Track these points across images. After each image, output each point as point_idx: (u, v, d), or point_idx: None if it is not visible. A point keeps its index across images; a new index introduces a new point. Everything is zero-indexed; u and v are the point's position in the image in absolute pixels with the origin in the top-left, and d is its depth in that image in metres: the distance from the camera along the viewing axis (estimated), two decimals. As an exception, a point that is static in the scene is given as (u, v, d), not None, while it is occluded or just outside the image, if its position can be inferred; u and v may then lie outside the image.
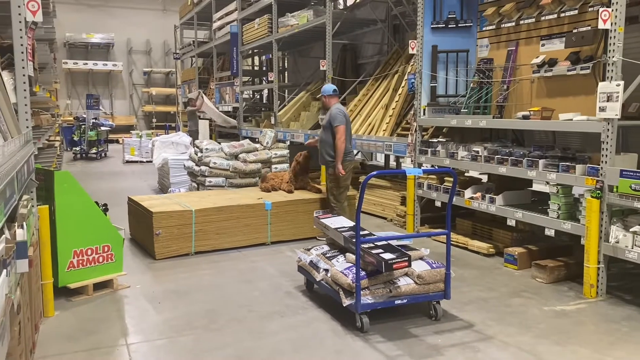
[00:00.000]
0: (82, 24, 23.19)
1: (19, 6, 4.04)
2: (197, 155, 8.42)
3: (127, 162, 15.76)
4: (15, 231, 2.76)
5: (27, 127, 4.16)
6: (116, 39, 23.95)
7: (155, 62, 25.40)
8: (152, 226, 5.82)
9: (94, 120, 16.86)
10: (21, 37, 4.08)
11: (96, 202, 4.95)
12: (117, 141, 20.56)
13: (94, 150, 16.67)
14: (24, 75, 4.13)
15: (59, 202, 4.52)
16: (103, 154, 17.24)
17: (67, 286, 4.67)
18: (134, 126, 23.66)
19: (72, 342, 3.87)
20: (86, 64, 23.45)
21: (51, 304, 4.33)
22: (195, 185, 8.45)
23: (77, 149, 16.73)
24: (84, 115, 17.27)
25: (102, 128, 17.30)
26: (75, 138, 17.07)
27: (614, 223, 4.63)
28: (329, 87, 6.64)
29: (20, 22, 4.06)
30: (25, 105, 4.15)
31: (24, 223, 2.96)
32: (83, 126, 16.69)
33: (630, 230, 4.47)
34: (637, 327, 4.13)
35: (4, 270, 2.10)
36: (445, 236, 4.36)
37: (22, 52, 4.10)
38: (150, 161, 13.80)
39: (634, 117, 5.26)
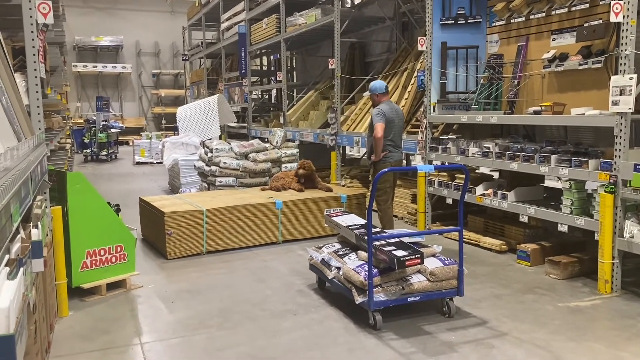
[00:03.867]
0: (91, 27, 23.36)
1: (30, 9, 4.06)
2: (207, 155, 8.44)
3: (138, 163, 15.84)
4: (30, 231, 2.78)
5: (40, 128, 4.19)
6: (125, 41, 24.09)
7: (164, 64, 25.52)
8: (164, 226, 5.84)
9: (104, 123, 16.97)
10: (33, 40, 4.11)
11: (108, 203, 4.98)
12: (127, 143, 20.67)
13: (104, 152, 16.77)
14: (36, 77, 4.15)
15: (71, 203, 4.55)
16: (113, 156, 17.34)
17: (80, 286, 4.70)
18: (143, 128, 23.78)
19: (87, 342, 3.89)
20: (95, 66, 23.62)
21: (65, 304, 4.36)
22: (206, 185, 8.48)
23: (88, 151, 16.84)
24: (94, 118, 17.39)
25: (112, 130, 17.40)
26: (86, 140, 17.19)
27: (628, 218, 4.58)
28: (380, 84, 6.24)
29: (31, 24, 4.08)
30: (38, 107, 4.18)
31: (39, 223, 2.98)
32: (93, 128, 16.80)
33: (645, 225, 4.42)
34: (654, 322, 4.09)
35: (21, 269, 2.11)
36: (457, 233, 4.34)
37: (34, 54, 4.12)
38: (161, 162, 13.88)
39: (647, 111, 5.22)
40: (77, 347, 3.81)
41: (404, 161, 10.43)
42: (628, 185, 4.49)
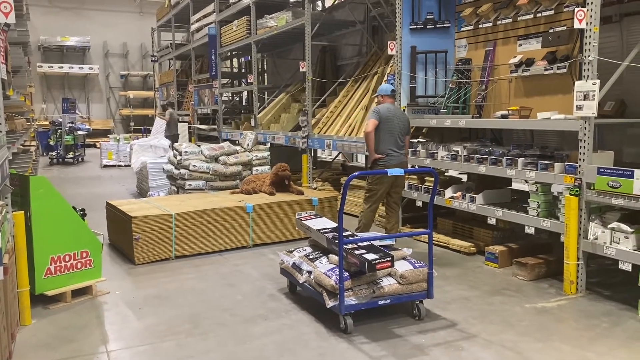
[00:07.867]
0: (57, 27, 22.83)
1: (-10, 8, 3.95)
2: (176, 158, 8.33)
3: (105, 166, 15.54)
4: (-11, 238, 2.69)
5: (1, 131, 4.06)
6: (92, 41, 23.62)
7: (132, 65, 25.10)
8: (132, 231, 5.73)
9: (70, 125, 16.61)
10: (-7, 40, 3.99)
11: (74, 207, 4.86)
12: (94, 145, 20.26)
13: (70, 155, 16.40)
14: (-4, 78, 4.04)
15: (35, 207, 4.43)
16: (80, 159, 16.97)
17: (44, 293, 4.58)
18: (111, 130, 23.32)
19: (50, 351, 3.78)
20: (62, 67, 23.06)
21: (28, 312, 4.23)
22: (175, 189, 8.36)
23: (54, 153, 16.44)
24: (60, 120, 16.99)
25: (79, 132, 17.05)
26: (52, 143, 16.77)
27: (592, 220, 4.69)
28: (385, 87, 6.23)
29: (-8, 24, 3.97)
30: (-1, 109, 4.06)
31: (-1, 230, 2.89)
32: (59, 130, 16.40)
33: (608, 226, 4.53)
34: (617, 322, 4.19)
35: (-22, 279, 2.04)
36: (427, 236, 4.37)
37: (-5, 55, 4.01)
38: (129, 165, 13.65)
39: (609, 115, 5.36)
40: (40, 357, 3.70)
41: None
42: (592, 188, 4.59)
